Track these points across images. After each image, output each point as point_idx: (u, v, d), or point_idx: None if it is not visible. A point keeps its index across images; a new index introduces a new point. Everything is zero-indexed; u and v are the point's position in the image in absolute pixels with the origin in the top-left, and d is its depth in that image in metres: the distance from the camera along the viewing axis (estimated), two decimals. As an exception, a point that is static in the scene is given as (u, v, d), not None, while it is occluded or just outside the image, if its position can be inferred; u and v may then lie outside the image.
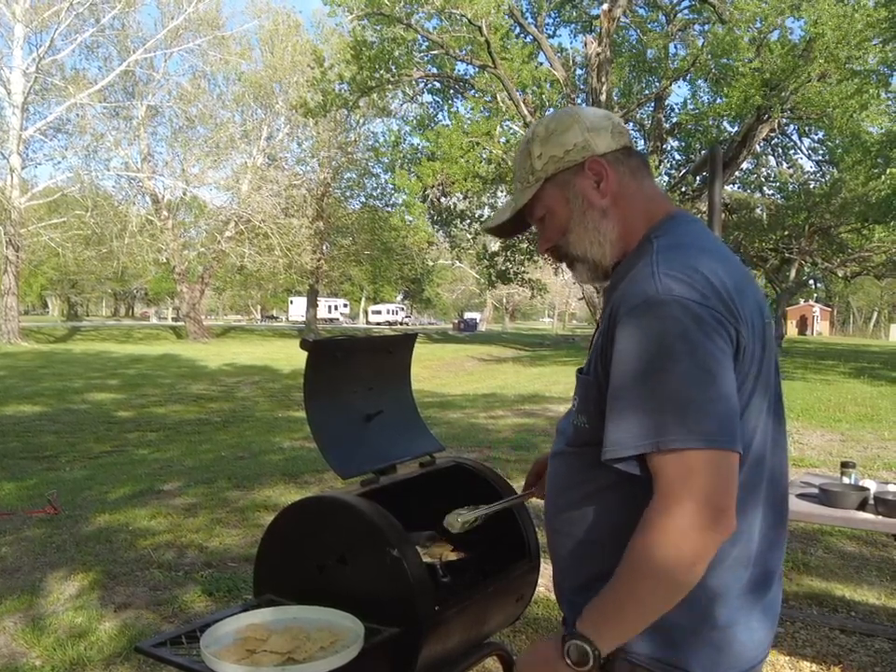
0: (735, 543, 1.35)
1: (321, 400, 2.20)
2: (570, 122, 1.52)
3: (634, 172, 1.53)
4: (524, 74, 25.82)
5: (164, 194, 40.49)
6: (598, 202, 1.50)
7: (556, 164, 1.52)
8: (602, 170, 1.50)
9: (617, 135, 1.52)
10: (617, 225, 1.50)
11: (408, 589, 1.85)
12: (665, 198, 1.57)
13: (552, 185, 1.54)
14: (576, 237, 1.54)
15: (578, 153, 1.50)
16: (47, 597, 4.47)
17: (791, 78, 22.01)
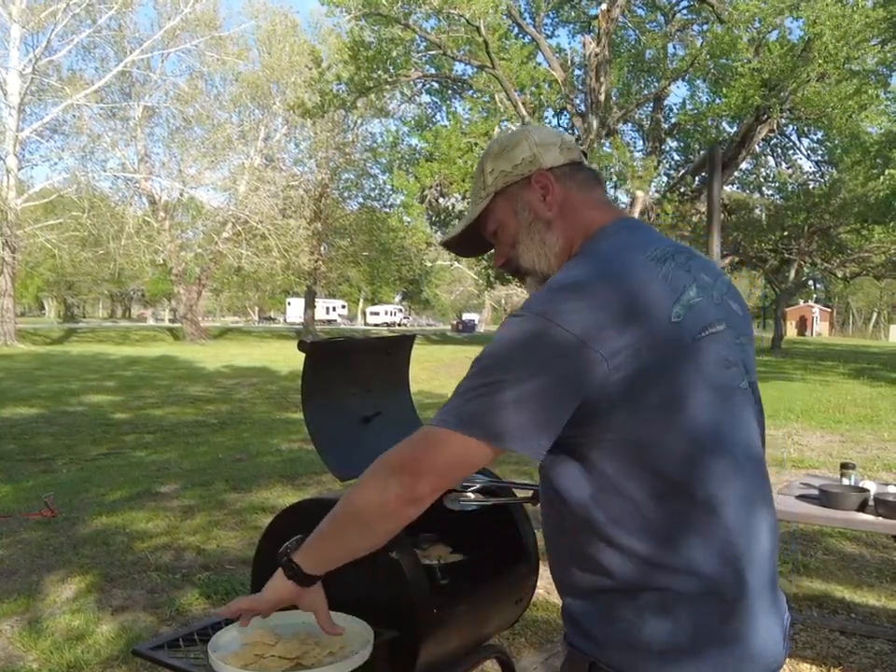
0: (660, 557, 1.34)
1: (319, 402, 2.18)
2: (520, 139, 1.58)
3: (581, 185, 1.56)
4: (522, 74, 25.86)
5: (161, 195, 40.54)
6: (544, 213, 1.54)
7: (505, 178, 1.57)
8: (548, 183, 1.54)
9: (565, 150, 1.57)
10: (561, 236, 1.53)
11: (406, 591, 1.84)
12: (610, 208, 1.58)
13: (501, 198, 1.58)
14: (524, 249, 1.57)
15: (525, 167, 1.55)
16: (44, 600, 4.45)
17: (790, 79, 22.05)
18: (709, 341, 1.37)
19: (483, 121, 29.04)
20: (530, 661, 3.72)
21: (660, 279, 1.37)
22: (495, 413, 1.28)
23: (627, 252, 1.43)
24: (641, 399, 1.30)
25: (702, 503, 1.34)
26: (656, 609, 1.33)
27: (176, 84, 39.55)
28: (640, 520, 1.33)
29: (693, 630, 1.33)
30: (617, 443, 1.32)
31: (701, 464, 1.34)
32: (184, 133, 41.42)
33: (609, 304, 1.29)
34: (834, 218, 31.36)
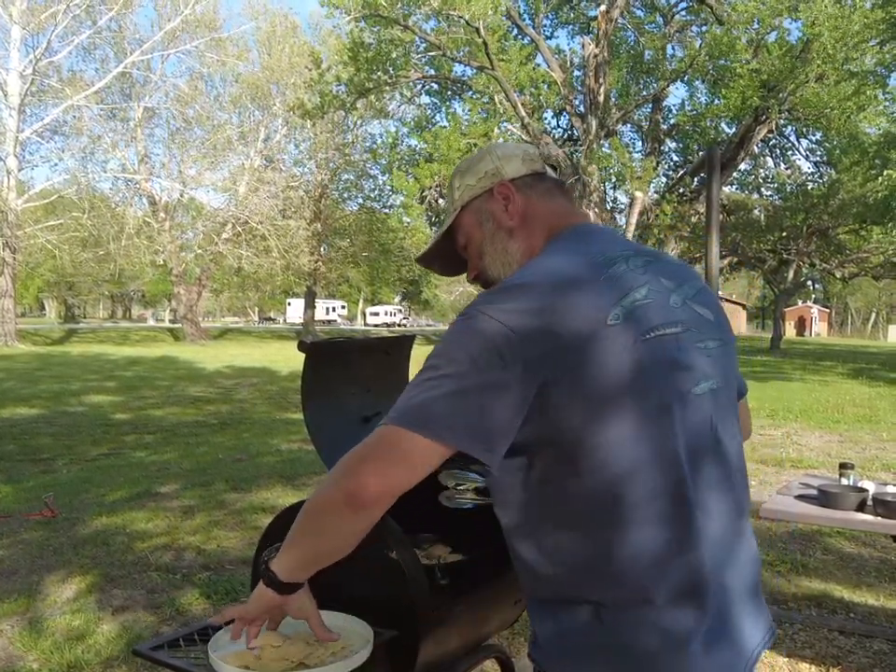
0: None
1: (319, 402, 2.19)
2: (484, 154, 1.64)
3: (542, 194, 1.59)
4: (521, 75, 25.85)
5: (161, 196, 40.53)
6: (506, 222, 1.57)
7: (471, 192, 1.62)
8: (509, 193, 1.57)
9: (528, 162, 1.61)
10: (522, 244, 1.56)
11: (406, 591, 1.84)
12: (572, 215, 1.60)
13: (467, 212, 1.63)
14: (490, 259, 1.61)
15: (488, 179, 1.60)
16: (44, 600, 4.46)
17: (788, 80, 22.05)
18: (655, 343, 1.34)
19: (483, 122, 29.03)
20: (529, 661, 3.72)
21: (602, 281, 1.36)
22: (440, 409, 1.27)
23: (575, 255, 1.43)
24: (572, 401, 1.28)
25: (629, 509, 1.29)
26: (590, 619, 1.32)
27: (176, 85, 39.61)
28: (573, 527, 1.32)
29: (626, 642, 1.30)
30: (551, 446, 1.30)
31: (629, 470, 1.29)
32: (184, 134, 41.44)
33: (544, 304, 1.29)
34: (833, 219, 31.39)
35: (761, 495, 6.94)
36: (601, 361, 1.28)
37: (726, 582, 1.37)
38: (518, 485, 1.36)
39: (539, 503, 1.35)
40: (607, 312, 1.31)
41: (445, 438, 1.27)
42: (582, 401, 1.28)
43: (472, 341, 1.29)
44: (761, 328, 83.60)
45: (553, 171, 1.67)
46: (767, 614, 1.49)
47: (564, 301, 1.30)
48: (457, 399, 1.27)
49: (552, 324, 1.28)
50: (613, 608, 1.31)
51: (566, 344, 1.27)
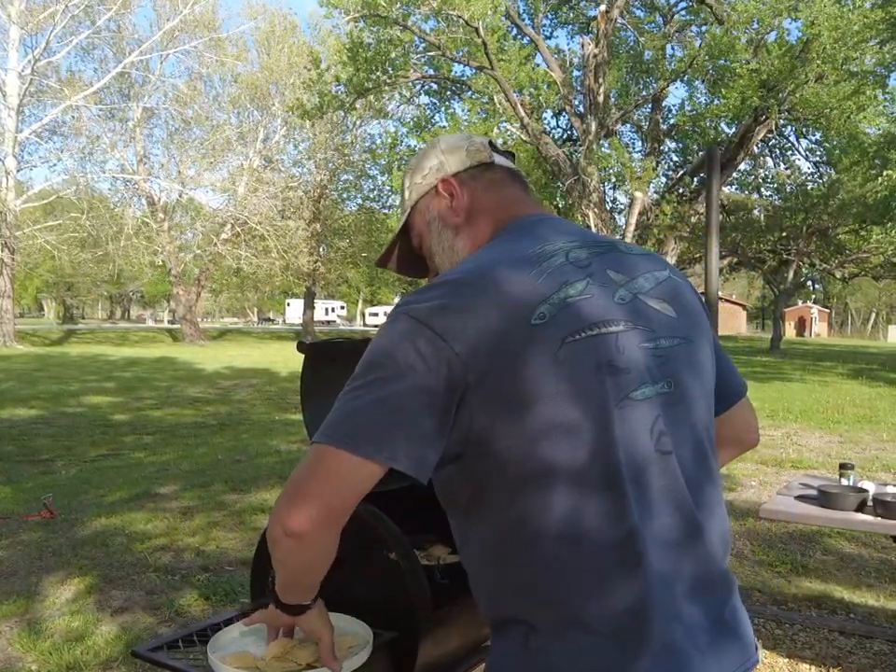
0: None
1: (318, 403, 2.18)
2: (430, 149, 1.57)
3: (489, 186, 1.51)
4: (521, 75, 25.84)
5: (160, 196, 40.55)
6: (451, 220, 1.50)
7: (417, 191, 1.55)
8: (452, 189, 1.50)
9: (473, 153, 1.53)
10: (468, 241, 1.48)
11: (405, 592, 1.84)
12: (521, 203, 1.50)
13: (416, 212, 1.57)
14: (440, 259, 1.53)
15: (433, 176, 1.53)
16: (43, 602, 4.45)
17: (788, 80, 22.04)
18: (585, 344, 1.23)
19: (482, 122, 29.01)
20: None
21: (532, 276, 1.26)
22: (364, 420, 1.19)
23: (509, 249, 1.34)
24: (491, 409, 1.19)
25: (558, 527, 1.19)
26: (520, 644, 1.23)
27: (175, 85, 39.66)
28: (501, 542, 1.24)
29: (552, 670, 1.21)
30: (474, 457, 1.23)
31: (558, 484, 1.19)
32: (183, 135, 41.47)
33: (466, 301, 1.21)
34: (833, 219, 31.38)
35: (761, 495, 6.95)
36: (520, 365, 1.19)
37: (680, 613, 1.22)
38: (450, 497, 1.30)
39: (466, 517, 1.29)
40: (531, 311, 1.21)
41: (371, 454, 1.17)
42: (501, 409, 1.19)
43: (394, 343, 1.22)
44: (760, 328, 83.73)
45: (509, 158, 1.58)
46: (744, 643, 1.31)
47: (487, 299, 1.22)
48: (382, 408, 1.19)
49: (473, 323, 1.19)
50: (542, 631, 1.21)
51: (486, 345, 1.19)
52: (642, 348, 1.28)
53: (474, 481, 1.25)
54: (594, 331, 1.23)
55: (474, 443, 1.21)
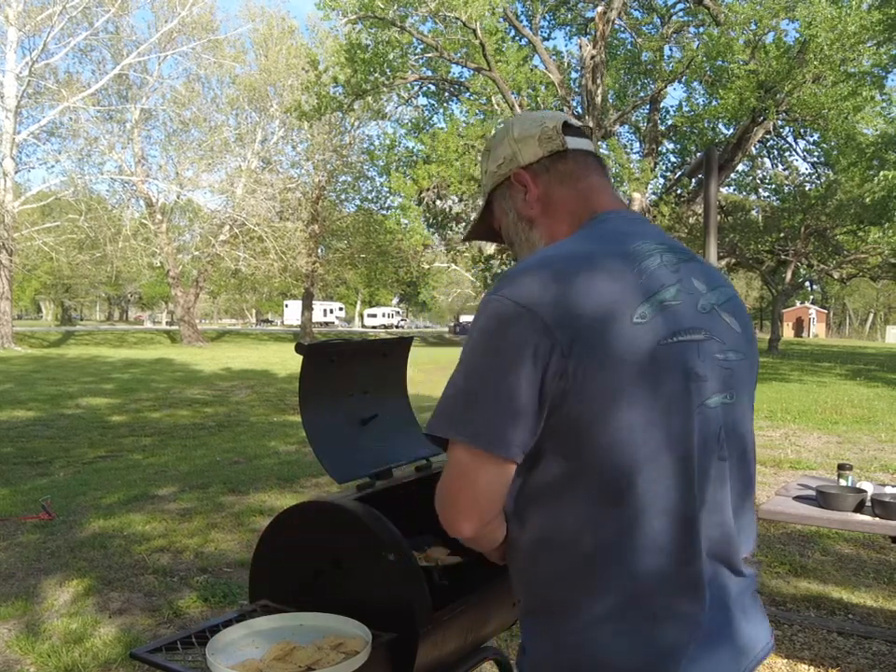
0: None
1: (316, 404, 2.18)
2: (503, 135, 1.56)
3: (563, 177, 1.50)
4: (518, 76, 25.86)
5: (158, 198, 40.50)
6: (526, 212, 1.52)
7: (493, 179, 1.58)
8: (527, 181, 1.51)
9: (545, 142, 1.51)
10: (544, 233, 1.50)
11: (404, 594, 1.84)
12: (601, 196, 1.50)
13: (494, 199, 1.60)
14: (517, 248, 1.57)
15: (506, 166, 1.54)
16: (41, 604, 4.45)
17: (785, 80, 22.06)
18: (675, 348, 1.27)
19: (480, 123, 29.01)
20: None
21: (634, 273, 1.29)
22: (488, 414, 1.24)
23: (606, 240, 1.36)
24: (588, 395, 1.23)
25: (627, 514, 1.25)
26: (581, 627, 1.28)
27: (173, 87, 39.64)
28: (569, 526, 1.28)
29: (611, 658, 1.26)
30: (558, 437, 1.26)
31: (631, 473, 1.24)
32: (181, 136, 41.47)
33: (567, 284, 1.24)
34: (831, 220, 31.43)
35: (759, 496, 6.95)
36: (617, 358, 1.23)
37: (725, 599, 1.34)
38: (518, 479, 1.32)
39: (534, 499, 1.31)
40: (633, 308, 1.26)
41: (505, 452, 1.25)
42: (595, 399, 1.23)
43: (499, 329, 1.25)
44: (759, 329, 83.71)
45: (585, 135, 1.57)
46: (766, 622, 1.46)
47: (589, 285, 1.25)
48: (501, 399, 1.23)
49: (574, 306, 1.23)
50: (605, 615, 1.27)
51: (588, 336, 1.22)
52: (716, 359, 1.34)
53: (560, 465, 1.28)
54: (682, 337, 1.29)
55: (564, 430, 1.26)
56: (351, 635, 1.74)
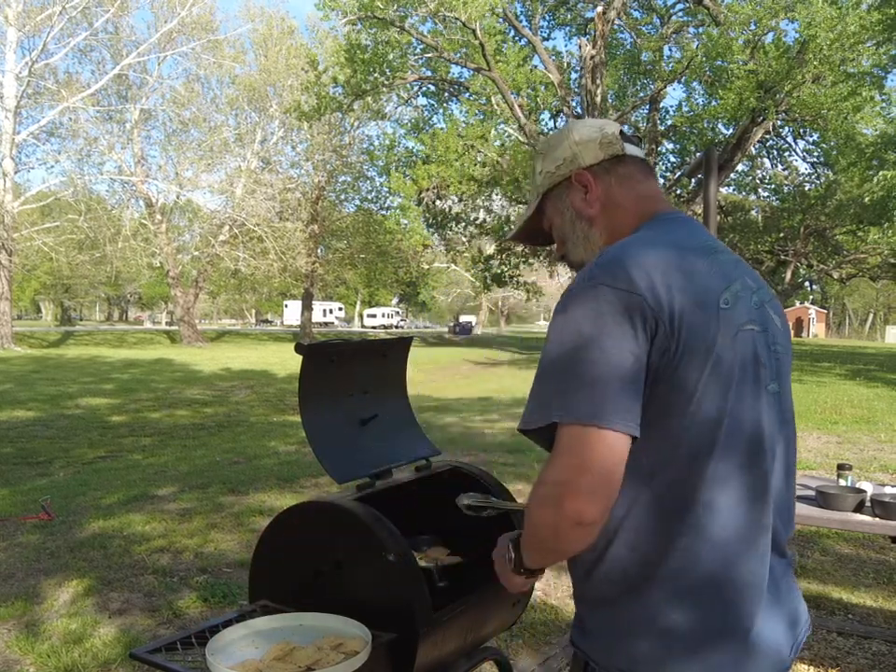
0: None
1: (316, 404, 2.18)
2: (562, 138, 1.63)
3: (623, 179, 1.58)
4: (518, 76, 25.87)
5: (158, 198, 40.46)
6: (586, 211, 1.58)
7: (550, 179, 1.63)
8: (587, 181, 1.57)
9: (605, 146, 1.59)
10: (604, 232, 1.57)
11: (404, 594, 1.84)
12: (658, 199, 1.60)
13: (549, 199, 1.65)
14: (572, 245, 1.63)
15: (566, 167, 1.60)
16: (41, 604, 4.45)
17: (785, 81, 22.06)
18: (749, 335, 1.39)
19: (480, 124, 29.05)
20: (527, 663, 3.72)
21: (709, 265, 1.40)
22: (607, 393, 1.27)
23: (680, 234, 1.47)
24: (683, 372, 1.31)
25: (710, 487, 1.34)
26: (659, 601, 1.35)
27: (173, 87, 39.60)
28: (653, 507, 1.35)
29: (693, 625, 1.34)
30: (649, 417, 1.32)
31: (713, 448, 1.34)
32: (180, 136, 41.43)
33: (663, 270, 1.33)
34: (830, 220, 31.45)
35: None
36: (710, 338, 1.33)
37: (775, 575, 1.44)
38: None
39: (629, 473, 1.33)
40: (719, 294, 1.37)
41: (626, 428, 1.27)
42: (688, 373, 1.31)
43: (602, 311, 1.30)
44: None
45: (637, 144, 1.65)
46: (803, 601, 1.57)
47: (682, 269, 1.35)
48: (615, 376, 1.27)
49: (672, 288, 1.32)
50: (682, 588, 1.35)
51: (684, 312, 1.31)
52: (770, 350, 1.46)
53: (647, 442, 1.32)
54: (748, 327, 1.41)
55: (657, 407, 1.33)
56: (351, 635, 1.74)
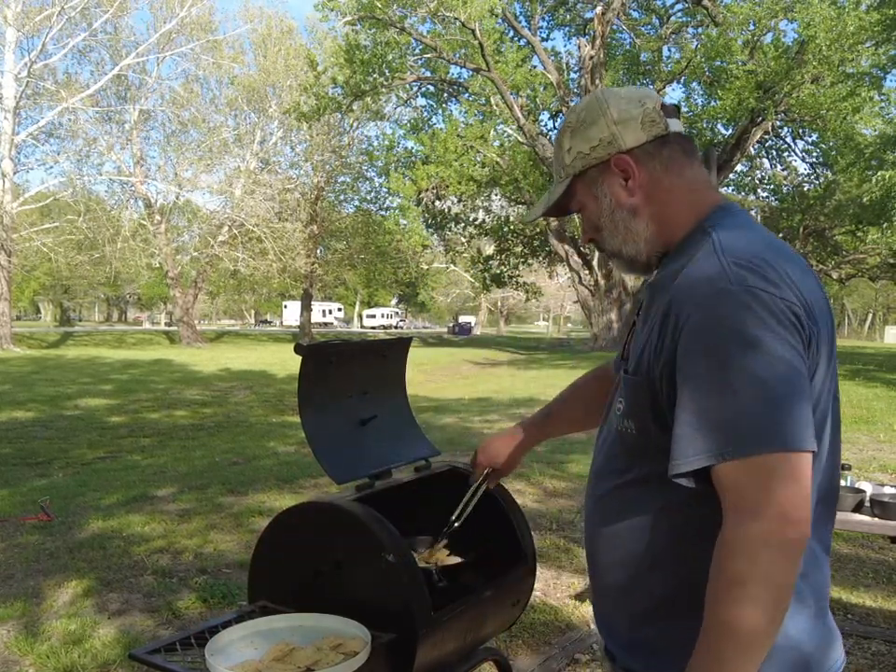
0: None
1: (315, 405, 2.18)
2: (597, 114, 1.44)
3: (668, 164, 1.43)
4: (517, 77, 25.89)
5: (157, 198, 40.47)
6: (627, 200, 1.44)
7: (583, 161, 1.46)
8: (629, 167, 1.42)
9: (648, 125, 1.42)
10: (651, 222, 1.44)
11: (404, 594, 1.84)
12: (711, 187, 1.48)
13: (581, 181, 1.49)
14: (608, 234, 1.49)
15: (603, 149, 1.43)
16: (40, 604, 4.44)
17: (784, 81, 22.10)
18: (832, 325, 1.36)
19: (479, 124, 29.05)
20: (527, 663, 3.72)
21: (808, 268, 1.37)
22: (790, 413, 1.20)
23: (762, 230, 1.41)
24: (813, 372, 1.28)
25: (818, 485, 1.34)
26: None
27: (172, 87, 39.61)
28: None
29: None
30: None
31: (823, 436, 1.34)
32: (179, 137, 41.41)
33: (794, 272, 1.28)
34: (829, 220, 31.44)
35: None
36: (828, 333, 1.33)
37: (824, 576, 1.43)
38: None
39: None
40: (825, 299, 1.36)
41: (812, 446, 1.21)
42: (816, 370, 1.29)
43: (760, 320, 1.21)
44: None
45: (678, 116, 1.48)
46: None
47: (804, 271, 1.32)
48: (791, 392, 1.20)
49: (806, 290, 1.28)
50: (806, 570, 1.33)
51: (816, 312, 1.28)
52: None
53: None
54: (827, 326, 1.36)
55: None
56: (350, 635, 1.74)
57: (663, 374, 1.31)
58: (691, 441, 1.22)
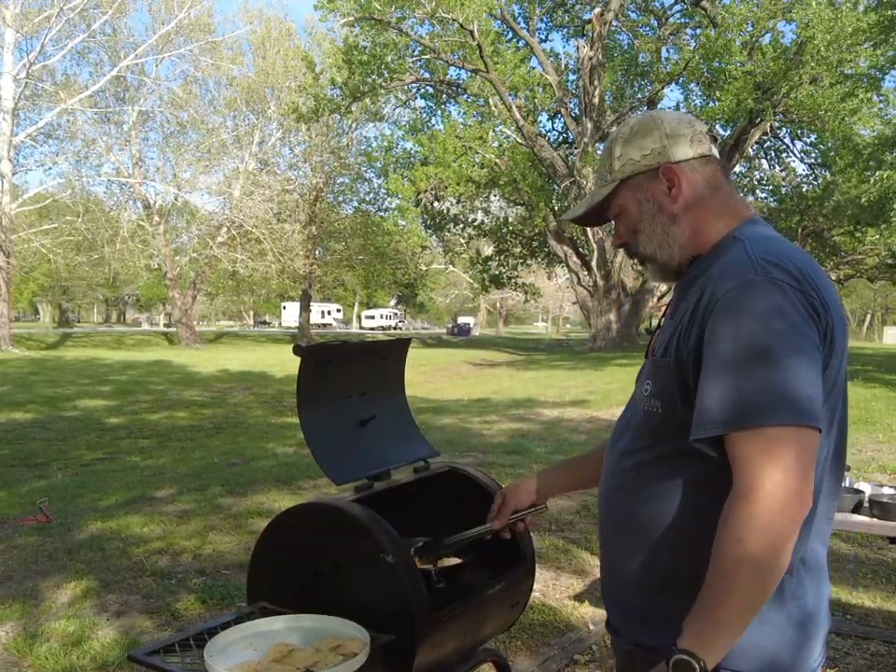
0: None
1: (314, 406, 2.18)
2: (651, 127, 1.58)
3: (709, 180, 1.57)
4: (516, 78, 25.89)
5: (156, 200, 40.44)
6: (669, 207, 1.56)
7: (633, 167, 1.58)
8: (675, 177, 1.55)
9: (696, 144, 1.57)
10: (687, 230, 1.55)
11: (403, 595, 1.84)
12: (744, 204, 1.61)
13: (626, 186, 1.60)
14: (646, 238, 1.60)
15: (654, 158, 1.56)
16: (39, 606, 4.44)
17: (782, 82, 22.11)
18: (845, 321, 1.45)
19: (478, 125, 29.05)
20: (526, 664, 3.72)
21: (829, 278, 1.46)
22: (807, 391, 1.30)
23: (791, 244, 1.51)
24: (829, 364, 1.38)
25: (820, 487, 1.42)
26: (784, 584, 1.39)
27: (171, 89, 39.55)
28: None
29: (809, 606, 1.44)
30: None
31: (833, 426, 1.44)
32: (178, 138, 41.41)
33: (812, 270, 1.40)
34: (828, 221, 31.45)
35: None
36: (843, 325, 1.41)
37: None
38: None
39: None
40: (835, 294, 1.43)
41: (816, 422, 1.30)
42: (832, 363, 1.39)
43: (781, 308, 1.33)
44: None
45: (714, 142, 1.63)
46: None
47: (818, 269, 1.44)
48: (808, 373, 1.31)
49: (822, 286, 1.39)
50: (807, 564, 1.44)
51: (831, 307, 1.38)
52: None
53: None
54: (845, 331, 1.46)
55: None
56: (349, 636, 1.74)
57: (691, 356, 1.42)
58: (708, 411, 1.33)
